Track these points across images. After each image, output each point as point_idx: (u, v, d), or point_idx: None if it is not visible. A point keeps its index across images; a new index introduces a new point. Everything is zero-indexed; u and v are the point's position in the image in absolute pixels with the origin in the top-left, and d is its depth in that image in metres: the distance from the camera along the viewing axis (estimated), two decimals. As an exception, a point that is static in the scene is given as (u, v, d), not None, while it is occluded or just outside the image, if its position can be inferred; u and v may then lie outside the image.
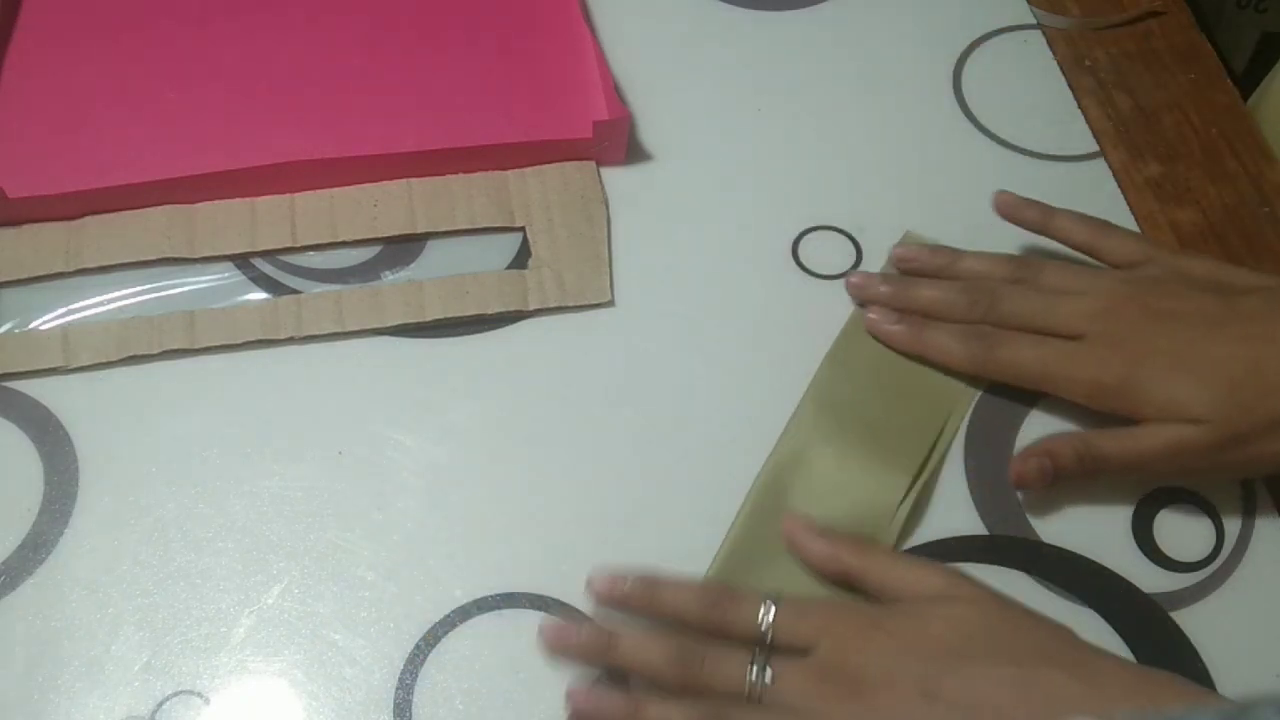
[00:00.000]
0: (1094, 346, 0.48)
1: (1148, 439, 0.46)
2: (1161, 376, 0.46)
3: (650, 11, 0.64)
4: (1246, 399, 0.45)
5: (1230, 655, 0.46)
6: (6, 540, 0.47)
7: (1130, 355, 0.47)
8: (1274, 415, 0.45)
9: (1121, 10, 0.66)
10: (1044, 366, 0.49)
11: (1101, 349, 0.47)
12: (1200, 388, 0.45)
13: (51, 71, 0.59)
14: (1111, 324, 0.47)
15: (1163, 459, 0.46)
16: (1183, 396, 0.45)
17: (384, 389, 0.51)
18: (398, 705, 0.44)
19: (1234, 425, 0.45)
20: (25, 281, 0.53)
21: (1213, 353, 0.46)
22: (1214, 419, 0.45)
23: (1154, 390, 0.46)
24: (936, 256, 0.53)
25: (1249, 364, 0.45)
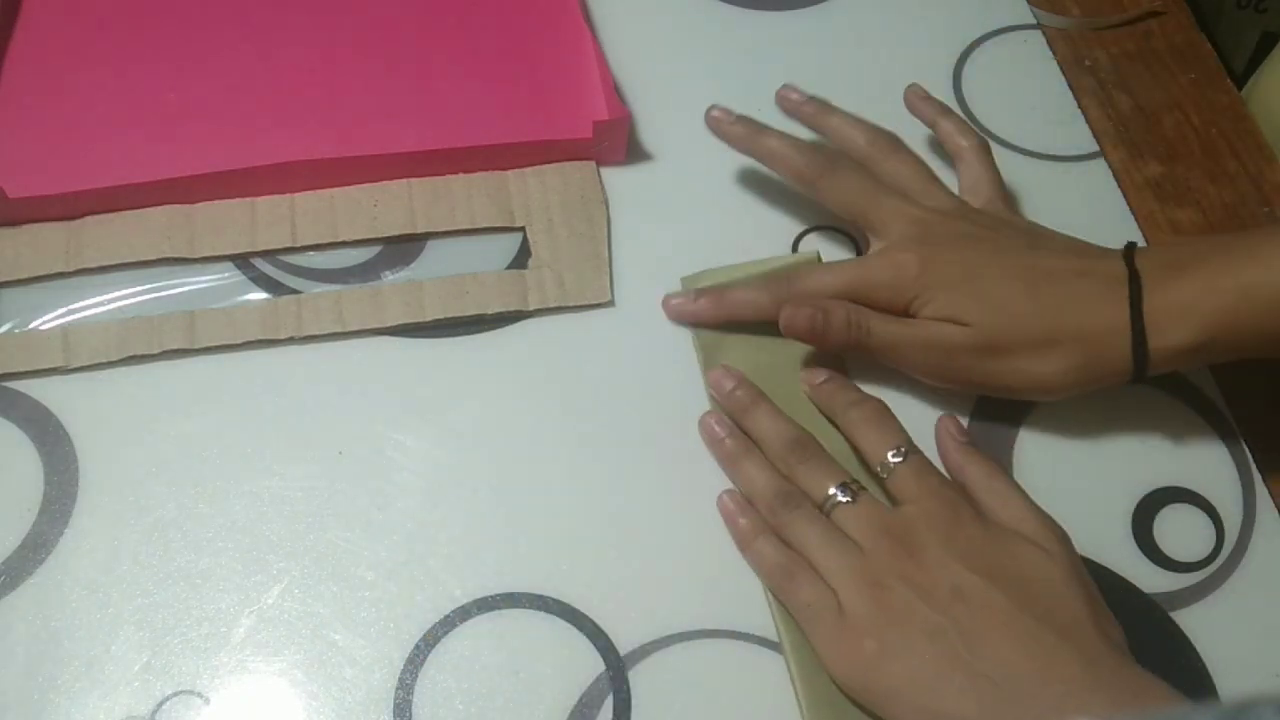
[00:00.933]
0: (905, 233, 0.51)
1: (915, 327, 0.49)
2: (948, 283, 0.48)
3: (650, 11, 0.64)
4: (1013, 316, 0.47)
5: (1230, 655, 0.46)
6: (6, 540, 0.47)
7: (929, 253, 0.49)
8: (1036, 336, 0.47)
9: (1121, 10, 0.66)
10: (867, 202, 0.52)
11: (910, 238, 0.50)
12: (976, 299, 0.48)
13: (51, 71, 0.59)
14: (922, 229, 0.50)
15: (922, 349, 0.49)
16: (959, 302, 0.48)
17: (384, 389, 0.51)
18: (398, 705, 0.44)
19: (996, 336, 0.47)
20: (25, 281, 0.53)
21: (997, 273, 0.48)
22: (980, 325, 0.48)
23: (937, 291, 0.48)
24: (806, 105, 0.57)
25: (1026, 289, 0.48)
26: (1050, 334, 0.47)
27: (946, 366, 0.49)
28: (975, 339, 0.48)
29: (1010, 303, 0.47)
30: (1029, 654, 0.41)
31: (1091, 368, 0.47)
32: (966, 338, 0.48)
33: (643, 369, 0.53)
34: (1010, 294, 0.48)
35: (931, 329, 0.49)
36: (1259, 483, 0.51)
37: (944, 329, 0.48)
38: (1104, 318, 0.47)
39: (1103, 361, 0.47)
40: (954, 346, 0.48)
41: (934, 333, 0.48)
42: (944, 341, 0.48)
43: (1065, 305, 0.47)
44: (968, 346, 0.48)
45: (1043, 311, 0.47)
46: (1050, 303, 0.47)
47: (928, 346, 0.49)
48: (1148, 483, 0.50)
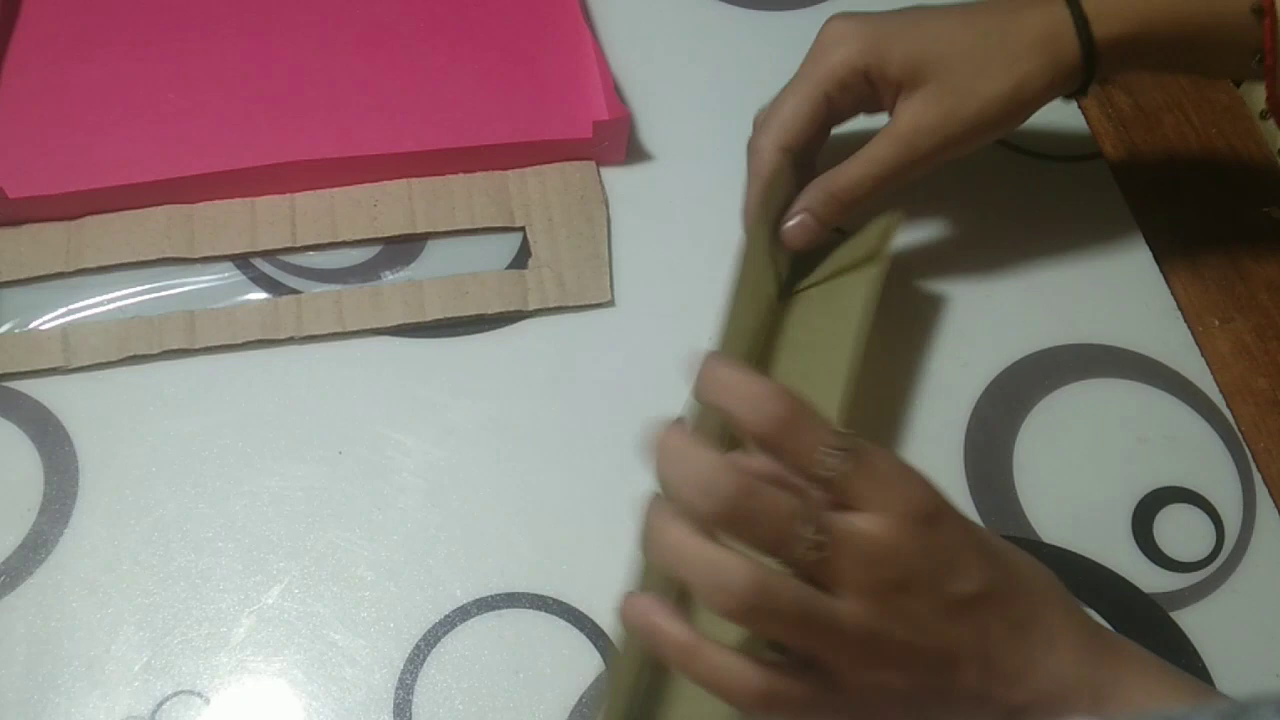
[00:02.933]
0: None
1: (879, 146, 0.50)
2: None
3: (650, 11, 0.64)
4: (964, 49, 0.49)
5: (1230, 655, 0.46)
6: (6, 540, 0.47)
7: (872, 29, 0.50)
8: (989, 59, 0.49)
9: (1121, 10, 0.65)
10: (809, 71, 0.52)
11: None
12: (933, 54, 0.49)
13: (51, 71, 0.59)
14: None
15: (903, 150, 0.50)
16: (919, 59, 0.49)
17: (384, 389, 0.51)
18: (398, 705, 0.44)
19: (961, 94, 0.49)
20: (25, 281, 0.53)
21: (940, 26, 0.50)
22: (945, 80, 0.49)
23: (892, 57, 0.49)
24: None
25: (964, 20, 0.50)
26: (1004, 47, 0.49)
27: (925, 144, 0.50)
28: (943, 94, 0.49)
29: (964, 31, 0.49)
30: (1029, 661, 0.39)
31: (1046, 68, 0.49)
32: (934, 101, 0.49)
33: (643, 369, 0.53)
34: (959, 23, 0.49)
35: (894, 130, 0.50)
36: (1259, 483, 0.51)
37: (913, 116, 0.49)
38: (1047, 17, 0.49)
39: (1055, 60, 0.49)
40: (928, 127, 0.49)
41: (902, 128, 0.49)
42: (917, 127, 0.49)
43: (1011, 18, 0.49)
44: (940, 107, 0.49)
45: (991, 31, 0.49)
46: (996, 22, 0.49)
47: (906, 141, 0.50)
48: (1148, 483, 0.50)
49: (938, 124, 0.49)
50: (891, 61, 0.49)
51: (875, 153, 0.50)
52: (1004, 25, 0.49)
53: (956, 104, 0.49)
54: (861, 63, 0.49)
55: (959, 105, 0.49)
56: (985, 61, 0.49)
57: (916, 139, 0.49)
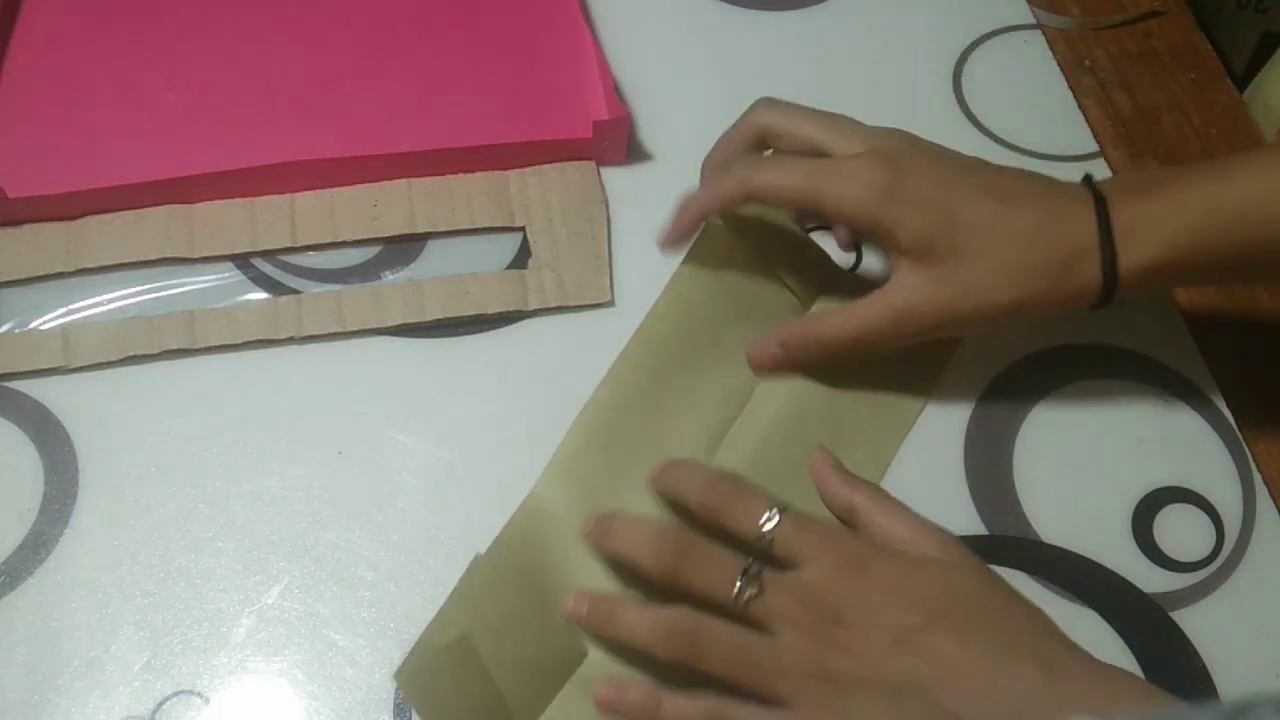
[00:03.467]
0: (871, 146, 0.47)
1: (870, 309, 0.47)
2: (921, 201, 0.45)
3: (650, 11, 0.64)
4: (990, 240, 0.45)
5: (1230, 655, 0.46)
6: (6, 540, 0.47)
7: (899, 167, 0.46)
8: (1009, 259, 0.45)
9: (1121, 10, 0.66)
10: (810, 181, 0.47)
11: (876, 151, 0.47)
12: (950, 221, 0.45)
13: (51, 71, 0.59)
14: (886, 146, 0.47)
15: (888, 323, 0.47)
16: (933, 224, 0.45)
17: (384, 389, 0.51)
18: (398, 705, 0.44)
19: (970, 274, 0.45)
20: (25, 281, 0.53)
21: (970, 191, 0.46)
22: (955, 257, 0.45)
23: (909, 210, 0.45)
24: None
25: (999, 208, 0.45)
26: (1024, 258, 0.45)
27: (916, 332, 0.47)
28: (948, 283, 0.45)
29: (987, 225, 0.45)
30: (988, 681, 0.40)
31: (1062, 289, 0.45)
32: (938, 285, 0.45)
33: (643, 369, 0.52)
34: (985, 214, 0.45)
35: (887, 299, 0.46)
36: (1259, 483, 0.51)
37: (903, 295, 0.46)
38: (1073, 235, 0.45)
39: (1072, 282, 0.45)
40: (921, 311, 0.46)
41: (893, 302, 0.46)
42: (910, 307, 0.46)
43: (1037, 227, 0.45)
44: (941, 295, 0.45)
45: (1015, 235, 0.45)
46: (1022, 224, 0.45)
47: (895, 320, 0.47)
48: (1148, 483, 0.50)
49: (934, 312, 0.46)
50: (904, 230, 0.45)
51: (865, 316, 0.47)
52: (1032, 232, 0.45)
53: (959, 297, 0.45)
54: (872, 215, 0.45)
55: (960, 300, 0.45)
56: (1002, 266, 0.45)
57: (910, 318, 0.46)
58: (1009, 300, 0.45)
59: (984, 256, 0.45)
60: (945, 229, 0.45)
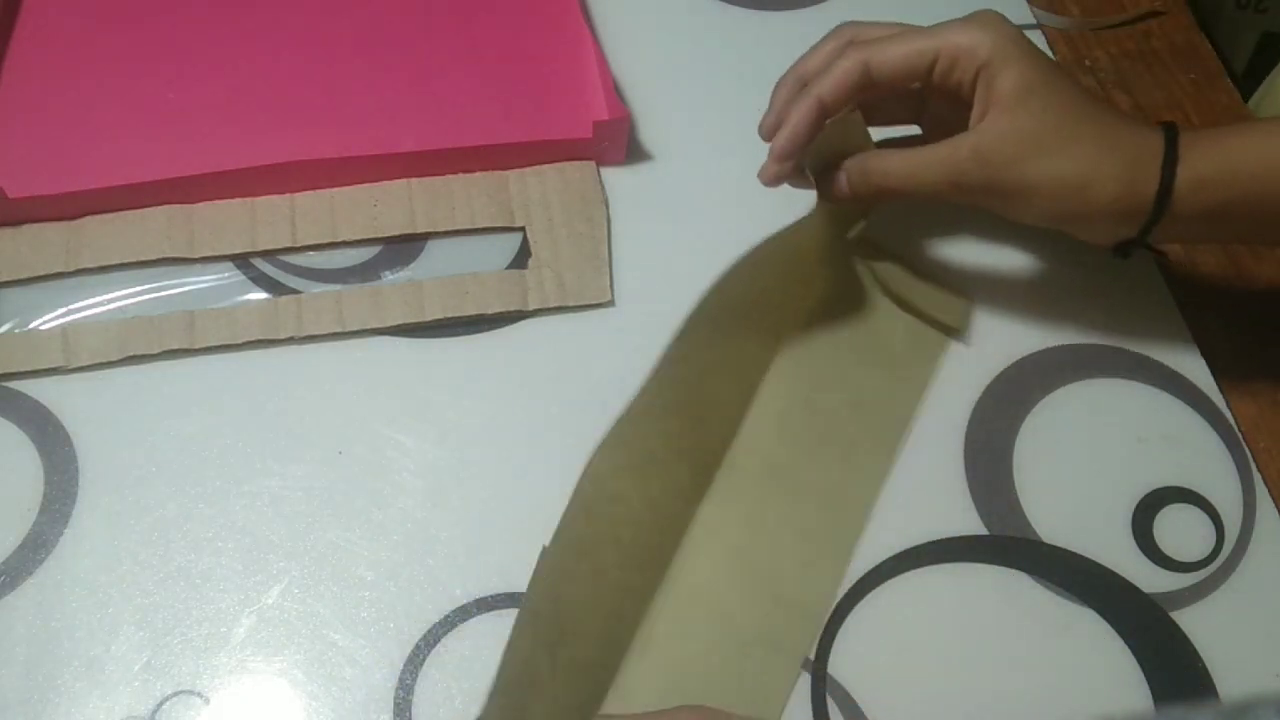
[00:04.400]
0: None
1: (945, 144, 0.47)
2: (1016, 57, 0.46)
3: (650, 11, 0.64)
4: (1063, 111, 0.46)
5: (1230, 655, 0.46)
6: (6, 540, 0.47)
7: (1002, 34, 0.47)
8: (1079, 135, 0.46)
9: (1121, 10, 0.66)
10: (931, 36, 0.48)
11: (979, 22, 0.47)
12: (1043, 78, 0.46)
13: (51, 71, 0.59)
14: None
15: (960, 163, 0.46)
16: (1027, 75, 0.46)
17: (384, 389, 0.51)
18: (398, 705, 0.44)
19: (1043, 130, 0.45)
20: (25, 281, 0.53)
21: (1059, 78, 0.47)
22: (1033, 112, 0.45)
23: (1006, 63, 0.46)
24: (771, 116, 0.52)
25: (1077, 95, 0.46)
26: (1102, 140, 0.46)
27: (984, 172, 0.46)
28: (1029, 138, 0.46)
29: (1079, 104, 0.46)
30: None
31: (1123, 183, 0.45)
32: (1020, 138, 0.46)
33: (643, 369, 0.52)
34: (1078, 95, 0.46)
35: (945, 149, 0.47)
36: (1259, 483, 0.51)
37: (993, 137, 0.46)
38: (1144, 139, 0.46)
39: (1134, 180, 0.45)
40: (1002, 148, 0.46)
41: (949, 151, 0.46)
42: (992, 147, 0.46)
43: (1117, 123, 0.46)
44: (1018, 147, 0.46)
45: (1100, 122, 0.46)
46: (1109, 117, 0.46)
47: (970, 154, 0.46)
48: (1148, 483, 0.50)
49: (1006, 162, 0.46)
50: (1013, 70, 0.46)
51: (937, 151, 0.47)
52: (1114, 125, 0.46)
53: (1033, 154, 0.46)
54: (985, 52, 0.46)
55: (1034, 157, 0.46)
56: (1082, 140, 0.46)
57: (983, 162, 0.46)
58: (1077, 174, 0.45)
59: (1069, 125, 0.45)
60: (1045, 86, 0.46)
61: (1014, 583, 0.48)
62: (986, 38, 0.46)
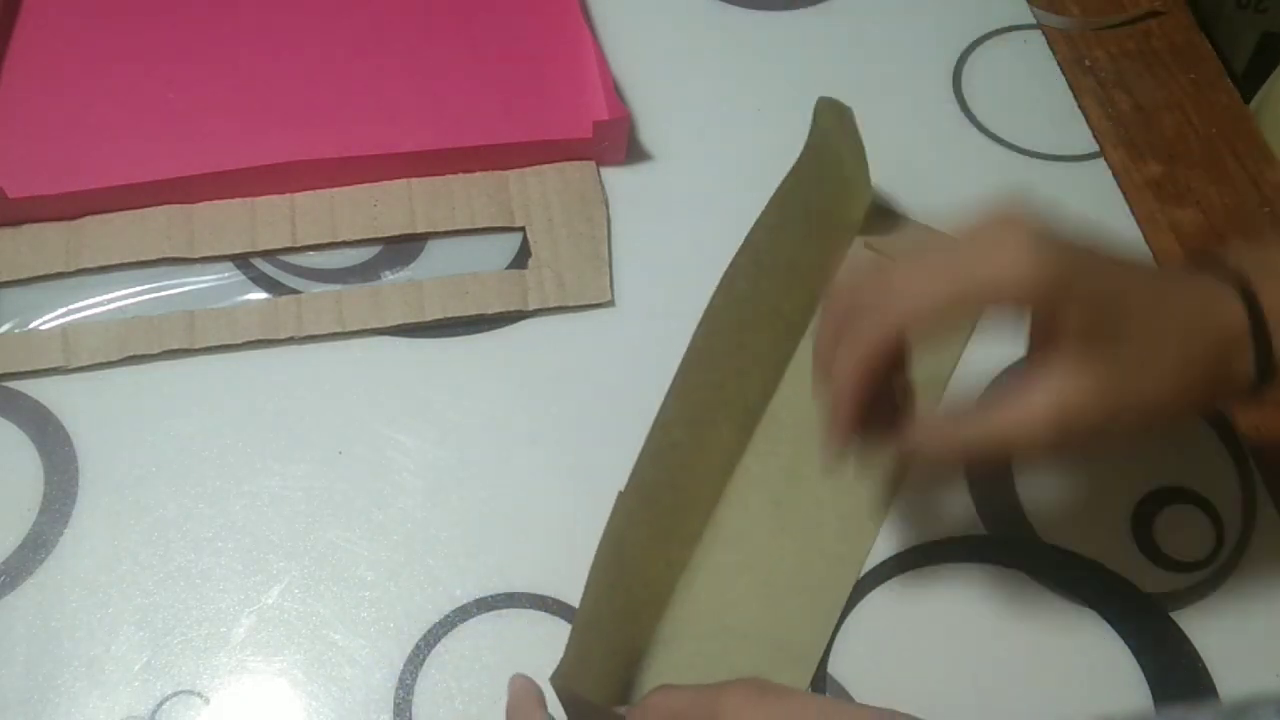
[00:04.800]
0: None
1: (1028, 406, 0.38)
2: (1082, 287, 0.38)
3: (650, 11, 0.64)
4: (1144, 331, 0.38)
5: (1230, 655, 0.46)
6: (6, 540, 0.47)
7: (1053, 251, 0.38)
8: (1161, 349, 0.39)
9: (1121, 10, 0.66)
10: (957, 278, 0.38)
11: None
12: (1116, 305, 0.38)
13: (51, 71, 0.59)
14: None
15: (1051, 427, 0.38)
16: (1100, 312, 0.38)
17: (384, 389, 0.51)
18: (398, 705, 0.44)
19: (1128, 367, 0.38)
20: (25, 281, 0.53)
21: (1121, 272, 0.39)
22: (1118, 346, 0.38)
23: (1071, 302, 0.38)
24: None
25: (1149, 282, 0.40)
26: (1183, 348, 0.39)
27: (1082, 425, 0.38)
28: (1115, 375, 0.38)
29: (1151, 307, 0.39)
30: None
31: (1218, 379, 0.40)
32: (1106, 378, 0.38)
33: (643, 369, 0.52)
34: (1148, 294, 0.39)
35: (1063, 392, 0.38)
36: (1259, 483, 0.50)
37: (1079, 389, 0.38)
38: (1224, 323, 0.39)
39: (1226, 373, 0.39)
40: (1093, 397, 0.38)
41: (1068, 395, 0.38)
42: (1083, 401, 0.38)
43: (1192, 313, 0.39)
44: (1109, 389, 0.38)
45: (1175, 320, 0.39)
46: (1181, 309, 0.39)
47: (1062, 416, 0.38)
48: (1148, 483, 0.50)
49: (1102, 411, 0.38)
50: (1079, 306, 0.37)
51: (1022, 418, 0.38)
52: (1190, 318, 0.39)
53: (1127, 392, 0.38)
54: (1043, 294, 0.37)
55: (1128, 395, 0.38)
56: (1164, 357, 0.38)
57: (1078, 418, 0.38)
58: (1171, 394, 0.39)
59: (1148, 346, 0.38)
60: (1114, 307, 0.38)
61: (1014, 583, 0.48)
62: (1027, 272, 0.36)
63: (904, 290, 0.39)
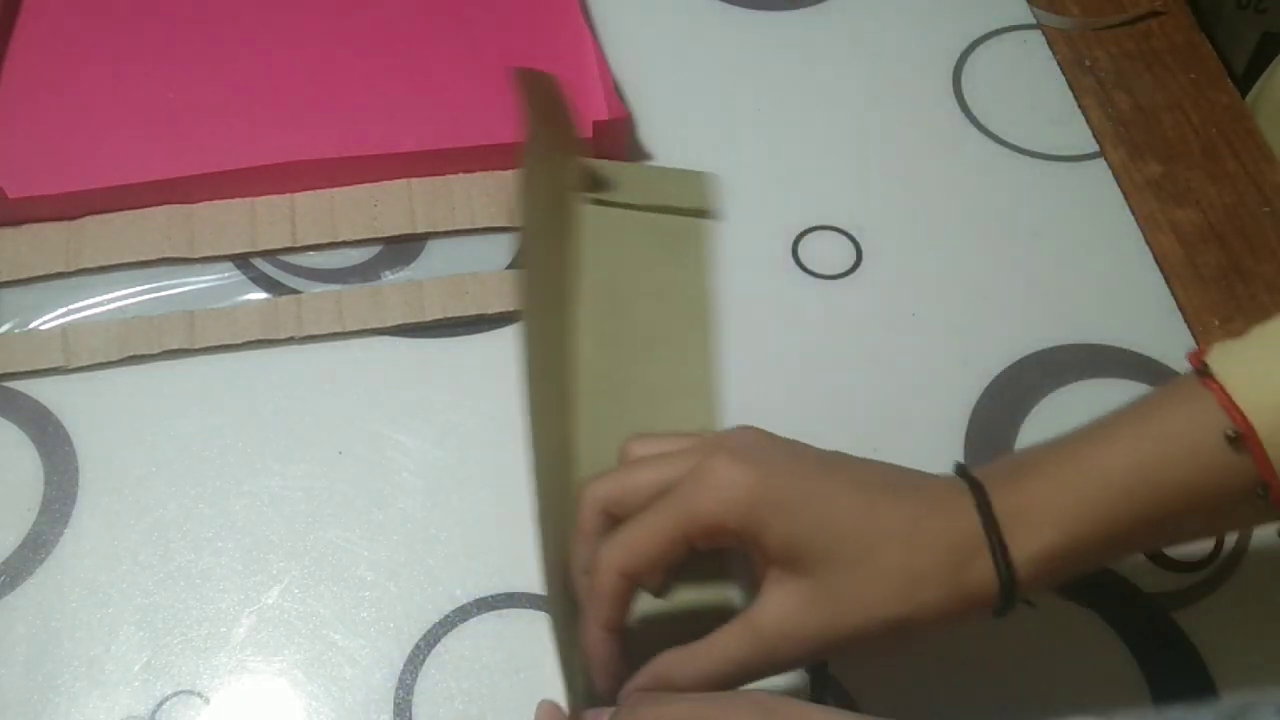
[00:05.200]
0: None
1: (733, 640, 0.38)
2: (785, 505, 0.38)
3: (650, 11, 0.64)
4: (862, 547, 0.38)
5: (1230, 655, 0.46)
6: (6, 540, 0.47)
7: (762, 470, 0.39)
8: (890, 569, 0.38)
9: (1121, 10, 0.66)
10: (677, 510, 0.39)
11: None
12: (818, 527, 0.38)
13: (51, 71, 0.59)
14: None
15: (758, 655, 0.38)
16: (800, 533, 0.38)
17: (384, 389, 0.51)
18: (398, 705, 0.44)
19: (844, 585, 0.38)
20: (25, 281, 0.53)
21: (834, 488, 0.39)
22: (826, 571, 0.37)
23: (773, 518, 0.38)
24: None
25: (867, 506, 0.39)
26: (907, 564, 0.38)
27: (789, 652, 0.38)
28: (824, 599, 0.38)
29: (860, 523, 0.38)
30: None
31: (954, 595, 0.38)
32: (813, 603, 0.38)
33: (643, 369, 0.52)
34: (857, 509, 0.38)
35: (766, 618, 0.38)
36: (1259, 483, 0.50)
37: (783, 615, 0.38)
38: (955, 530, 0.38)
39: (965, 585, 0.38)
40: (799, 623, 0.38)
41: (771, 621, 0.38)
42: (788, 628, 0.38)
43: (915, 523, 0.38)
44: (817, 614, 0.38)
45: (892, 535, 0.38)
46: (899, 521, 0.38)
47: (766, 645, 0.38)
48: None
49: (808, 634, 0.38)
50: (771, 535, 0.37)
51: (728, 648, 0.38)
52: (910, 530, 0.38)
53: (835, 615, 0.38)
54: (736, 524, 0.38)
55: (838, 617, 0.37)
56: (883, 575, 0.37)
57: (779, 643, 0.38)
58: (895, 615, 0.38)
59: (863, 563, 0.38)
60: (814, 535, 0.38)
61: (1014, 583, 0.48)
62: (736, 495, 0.38)
63: (628, 532, 0.39)
